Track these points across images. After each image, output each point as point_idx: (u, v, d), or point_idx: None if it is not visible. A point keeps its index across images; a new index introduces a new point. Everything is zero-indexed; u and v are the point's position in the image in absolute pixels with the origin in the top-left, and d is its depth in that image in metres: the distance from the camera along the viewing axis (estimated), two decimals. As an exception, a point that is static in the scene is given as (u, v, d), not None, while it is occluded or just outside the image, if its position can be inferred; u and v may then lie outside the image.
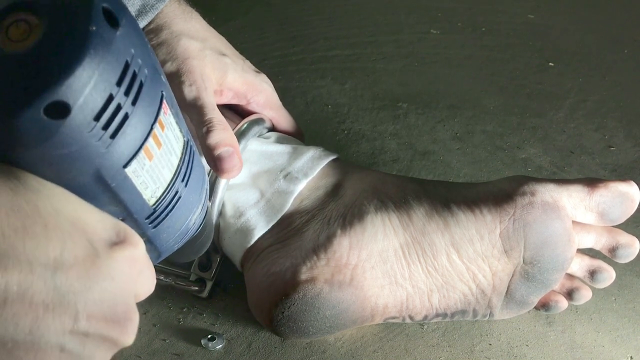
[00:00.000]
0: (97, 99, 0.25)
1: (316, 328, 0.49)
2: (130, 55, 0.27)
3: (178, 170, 0.33)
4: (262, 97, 0.57)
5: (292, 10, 1.00)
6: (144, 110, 0.28)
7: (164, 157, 0.31)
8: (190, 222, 0.37)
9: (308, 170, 0.53)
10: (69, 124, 0.25)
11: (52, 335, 0.27)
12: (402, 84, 0.83)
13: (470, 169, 0.69)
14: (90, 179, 0.28)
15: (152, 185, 0.31)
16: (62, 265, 0.27)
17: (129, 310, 0.30)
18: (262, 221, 0.51)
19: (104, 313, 0.28)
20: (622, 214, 0.48)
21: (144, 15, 0.54)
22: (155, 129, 0.29)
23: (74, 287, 0.27)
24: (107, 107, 0.26)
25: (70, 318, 0.27)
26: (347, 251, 0.48)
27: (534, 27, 0.95)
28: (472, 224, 0.48)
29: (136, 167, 0.29)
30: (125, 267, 0.29)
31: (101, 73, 0.25)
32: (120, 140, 0.27)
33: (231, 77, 0.55)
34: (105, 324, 0.29)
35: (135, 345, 0.51)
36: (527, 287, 0.49)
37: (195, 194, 0.36)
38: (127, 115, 0.27)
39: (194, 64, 0.52)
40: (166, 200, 0.32)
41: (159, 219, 0.33)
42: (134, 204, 0.30)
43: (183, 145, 0.33)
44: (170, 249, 0.37)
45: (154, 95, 0.29)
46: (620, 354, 0.51)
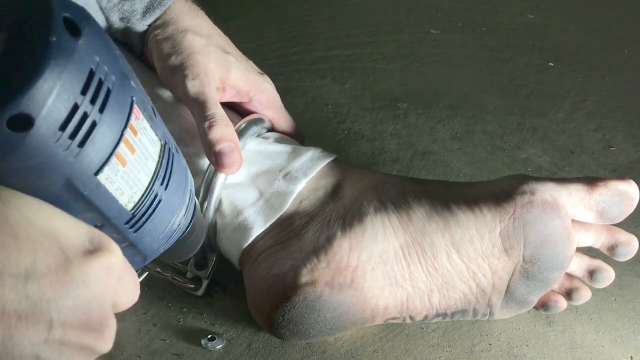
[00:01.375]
0: (61, 109, 0.25)
1: (317, 330, 0.49)
2: (95, 63, 0.26)
3: (156, 174, 0.32)
4: (264, 96, 0.57)
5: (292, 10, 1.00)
6: (113, 117, 0.28)
7: (139, 162, 0.31)
8: (174, 224, 0.36)
9: (307, 170, 0.53)
10: (34, 135, 0.25)
11: (26, 345, 0.27)
12: (402, 84, 0.83)
13: (470, 169, 0.69)
14: (62, 188, 0.28)
15: (128, 191, 0.31)
16: (33, 274, 0.27)
17: (105, 317, 0.30)
18: (260, 220, 0.51)
19: (79, 320, 0.28)
20: (622, 213, 0.48)
21: (152, 11, 0.54)
22: (127, 135, 0.29)
23: (46, 296, 0.27)
24: (73, 116, 0.26)
25: (45, 327, 0.27)
26: (347, 253, 0.48)
27: (534, 27, 0.95)
28: (472, 224, 0.48)
29: (109, 174, 0.29)
30: (99, 274, 0.29)
31: (64, 83, 0.25)
32: (89, 149, 0.27)
33: (234, 74, 0.55)
34: (81, 332, 0.28)
35: (135, 345, 0.51)
36: (526, 286, 0.49)
37: (177, 196, 0.36)
38: (95, 123, 0.27)
39: (198, 59, 0.52)
40: (145, 204, 0.32)
41: (140, 223, 0.33)
42: (111, 209, 0.30)
43: (160, 148, 0.33)
44: (155, 251, 0.37)
45: (123, 101, 0.28)
46: (620, 354, 0.51)
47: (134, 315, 0.54)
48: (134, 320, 0.53)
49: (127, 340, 0.52)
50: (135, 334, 0.52)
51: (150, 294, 0.55)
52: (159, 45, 0.54)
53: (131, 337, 0.52)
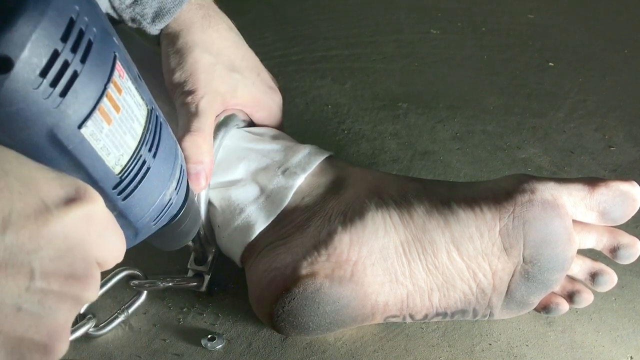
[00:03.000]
0: (41, 53, 0.25)
1: (316, 324, 0.49)
2: (75, 13, 0.26)
3: (143, 138, 0.32)
4: (263, 113, 0.58)
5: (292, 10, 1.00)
6: (95, 69, 0.28)
7: (125, 122, 0.31)
8: (165, 197, 0.36)
9: (305, 165, 0.53)
10: (14, 78, 0.25)
11: (5, 295, 0.26)
12: (402, 84, 0.83)
13: (470, 169, 0.69)
14: (45, 140, 0.27)
15: (114, 152, 0.30)
16: (12, 225, 0.26)
17: (88, 266, 0.30)
18: (262, 216, 0.52)
19: (62, 270, 0.28)
20: (624, 214, 0.48)
21: (161, 18, 0.54)
22: (110, 90, 0.29)
23: (26, 247, 0.27)
24: (53, 63, 0.26)
25: (25, 277, 0.27)
26: (347, 247, 0.48)
27: (534, 27, 0.95)
28: (472, 222, 0.48)
29: (93, 129, 0.28)
30: (80, 224, 0.29)
31: (43, 27, 0.25)
32: (71, 99, 0.27)
33: (240, 93, 0.55)
34: (65, 281, 0.28)
35: (135, 345, 0.51)
36: (527, 287, 0.49)
37: (167, 166, 0.35)
38: (77, 72, 0.27)
39: (201, 78, 0.53)
40: (133, 169, 0.32)
41: (128, 190, 0.33)
42: (97, 170, 0.30)
43: (147, 113, 0.33)
44: (147, 226, 0.36)
45: (105, 55, 0.28)
46: (620, 354, 0.51)
47: (134, 315, 0.54)
48: (134, 320, 0.53)
49: (127, 340, 0.52)
50: (135, 334, 0.52)
51: (150, 294, 0.55)
52: (167, 59, 0.54)
53: (131, 337, 0.52)
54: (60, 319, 0.29)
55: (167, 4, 0.54)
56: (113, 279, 0.53)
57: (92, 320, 0.51)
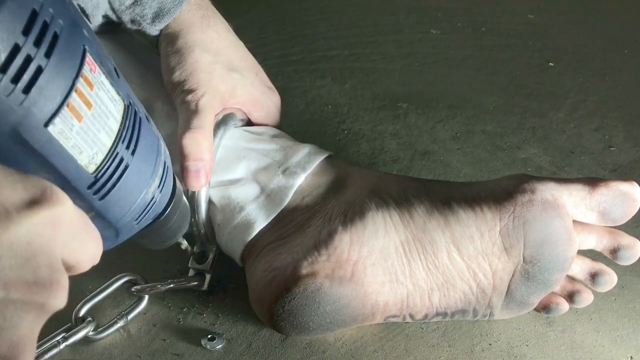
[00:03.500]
0: (0, 48, 0.24)
1: (316, 324, 0.49)
2: (38, 4, 0.25)
3: (119, 135, 0.31)
4: (262, 113, 0.58)
5: (292, 10, 1.00)
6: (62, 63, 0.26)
7: (98, 119, 0.29)
8: (147, 196, 0.35)
9: (305, 164, 0.53)
10: None
11: None
12: (402, 84, 0.83)
13: (470, 169, 0.69)
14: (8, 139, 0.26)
15: (87, 150, 0.29)
16: None
17: (54, 272, 0.28)
18: (262, 215, 0.52)
19: (24, 278, 0.27)
20: (624, 214, 0.48)
21: (160, 19, 0.54)
22: (80, 85, 0.27)
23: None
24: (14, 58, 0.24)
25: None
26: (347, 247, 0.48)
27: (534, 27, 0.95)
28: (473, 222, 0.48)
29: (62, 127, 0.27)
30: (44, 227, 0.27)
31: (1, 20, 0.24)
32: (35, 96, 0.26)
33: (239, 92, 0.55)
34: (28, 290, 0.27)
35: (135, 345, 0.51)
36: (527, 287, 0.49)
37: (148, 164, 0.34)
38: (41, 68, 0.25)
39: (201, 77, 0.53)
40: (110, 168, 0.31)
41: (105, 190, 0.31)
42: (69, 170, 0.29)
43: (123, 109, 0.31)
44: (129, 226, 0.35)
45: (73, 48, 0.27)
46: (620, 354, 0.51)
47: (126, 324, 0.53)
48: (133, 321, 0.53)
49: (127, 340, 0.52)
50: (135, 334, 0.52)
51: (151, 296, 0.55)
52: (166, 59, 0.54)
53: (131, 337, 0.52)
54: (23, 330, 0.27)
55: (167, 4, 0.54)
56: (112, 285, 0.52)
57: (91, 324, 0.51)
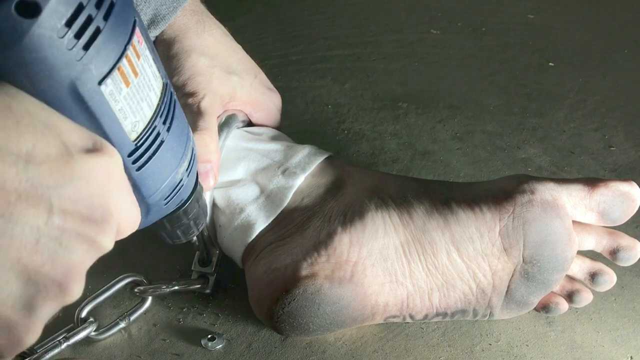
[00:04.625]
0: (68, 3, 0.26)
1: (316, 325, 0.49)
2: None
3: (158, 109, 0.33)
4: (262, 114, 0.58)
5: (292, 10, 1.00)
6: (117, 28, 0.29)
7: (142, 88, 0.31)
8: (177, 176, 0.37)
9: (305, 165, 0.53)
10: (40, 24, 0.25)
11: (25, 225, 0.27)
12: (402, 84, 0.83)
13: (470, 169, 0.69)
14: (66, 92, 0.28)
15: (131, 117, 0.31)
16: (34, 158, 0.27)
17: (106, 212, 0.30)
18: (262, 216, 0.52)
19: (79, 211, 0.28)
20: (623, 214, 0.48)
21: (156, 25, 0.54)
22: (129, 53, 0.30)
23: (46, 182, 0.27)
24: (78, 15, 0.26)
25: (44, 211, 0.27)
26: (347, 248, 0.48)
27: (534, 27, 0.95)
28: (472, 222, 0.48)
29: (112, 88, 0.29)
30: (100, 173, 0.29)
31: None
32: (93, 53, 0.28)
33: (239, 94, 0.55)
34: (82, 222, 0.28)
35: (135, 345, 0.51)
36: (527, 287, 0.49)
37: (180, 143, 0.36)
38: (99, 29, 0.28)
39: (200, 80, 0.53)
40: (148, 139, 0.33)
41: (143, 160, 0.33)
42: (114, 132, 0.31)
43: (162, 86, 0.33)
44: (159, 205, 0.37)
45: (126, 17, 0.29)
46: (620, 354, 0.51)
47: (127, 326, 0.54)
48: (134, 321, 0.53)
49: (127, 340, 0.52)
50: (135, 334, 0.52)
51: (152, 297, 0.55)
52: (164, 64, 0.54)
53: (131, 337, 0.52)
54: (75, 259, 0.29)
55: (162, 10, 0.54)
56: (115, 286, 0.52)
57: (93, 324, 0.51)
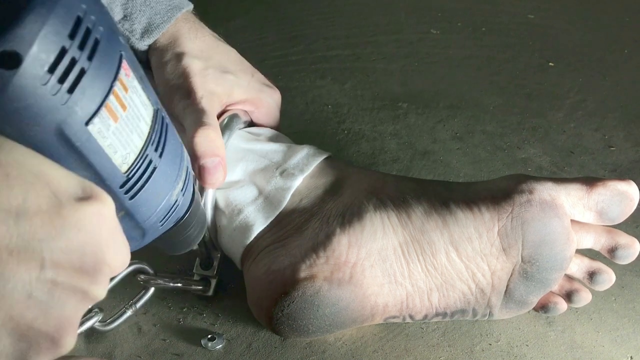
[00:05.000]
0: (49, 50, 0.26)
1: (316, 326, 0.49)
2: (82, 11, 0.27)
3: (149, 138, 0.33)
4: (262, 110, 0.58)
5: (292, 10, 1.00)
6: (102, 66, 0.28)
7: (131, 121, 0.31)
8: (171, 198, 0.36)
9: (304, 166, 0.53)
10: (23, 74, 0.25)
11: (17, 281, 0.27)
12: (402, 84, 0.83)
13: (470, 169, 0.69)
14: (53, 136, 0.28)
15: (121, 150, 0.31)
16: (25, 212, 0.27)
17: (99, 262, 0.30)
18: (261, 217, 0.52)
19: (72, 262, 0.28)
20: (621, 213, 0.48)
21: (149, 34, 0.55)
22: (117, 88, 0.29)
23: (38, 235, 0.27)
24: (61, 59, 0.26)
25: (36, 265, 0.27)
26: (346, 249, 0.48)
27: (534, 27, 0.95)
28: (471, 222, 0.48)
29: (100, 126, 0.29)
30: (92, 220, 0.29)
31: (51, 24, 0.26)
32: (78, 95, 0.27)
33: (236, 93, 0.55)
34: (74, 273, 0.28)
35: (135, 345, 0.52)
36: (526, 287, 0.49)
37: (173, 167, 0.36)
38: (84, 70, 0.27)
39: (195, 81, 0.53)
40: (140, 168, 0.33)
41: (135, 189, 0.33)
42: (104, 168, 0.30)
43: (153, 113, 0.33)
44: (154, 227, 0.37)
45: (111, 53, 0.29)
46: (620, 354, 0.51)
47: (134, 316, 0.54)
48: (134, 320, 0.53)
49: (127, 340, 0.52)
50: (135, 334, 0.52)
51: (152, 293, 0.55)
52: (159, 71, 0.55)
53: (131, 337, 0.52)
54: (68, 312, 0.29)
55: (156, 20, 0.54)
56: (120, 273, 0.52)
57: (98, 314, 0.51)
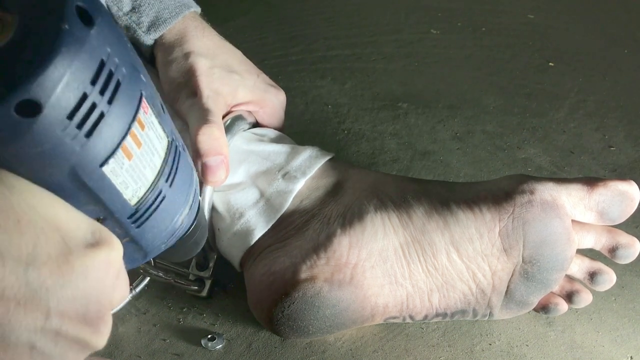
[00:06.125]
0: (70, 97, 0.25)
1: (316, 327, 0.49)
2: (106, 54, 0.27)
3: (161, 170, 0.32)
4: (267, 110, 0.58)
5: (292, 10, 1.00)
6: (121, 109, 0.28)
7: (145, 156, 0.31)
8: (177, 222, 0.36)
9: (306, 169, 0.53)
10: (41, 122, 0.25)
11: (23, 331, 0.26)
12: (402, 84, 0.83)
13: (470, 169, 0.69)
14: (66, 177, 0.28)
15: (133, 185, 0.31)
16: (34, 261, 0.26)
17: (102, 311, 0.30)
18: (262, 221, 0.51)
19: (77, 312, 0.28)
20: (622, 214, 0.48)
21: (156, 28, 0.55)
22: (134, 128, 0.29)
23: (46, 284, 0.27)
24: (81, 106, 0.26)
25: (42, 315, 0.27)
26: (347, 250, 0.48)
27: (534, 27, 0.95)
28: (472, 223, 0.48)
29: (114, 166, 0.29)
30: (100, 268, 0.29)
31: (74, 72, 0.25)
32: (95, 139, 0.27)
33: (241, 93, 0.55)
34: (78, 324, 0.28)
35: (135, 345, 0.51)
36: (526, 287, 0.49)
37: (182, 194, 0.36)
38: (103, 114, 0.27)
39: (201, 80, 0.53)
40: (149, 200, 0.32)
41: (142, 219, 0.33)
42: (114, 203, 0.30)
43: (167, 145, 0.33)
44: (157, 249, 0.37)
45: (132, 94, 0.29)
46: (620, 354, 0.51)
47: (134, 316, 0.54)
48: (134, 320, 0.53)
49: (127, 340, 0.52)
50: (135, 334, 0.52)
51: (150, 294, 0.55)
52: (165, 68, 0.55)
53: (131, 337, 0.52)
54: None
55: (164, 14, 0.54)
56: None
57: None
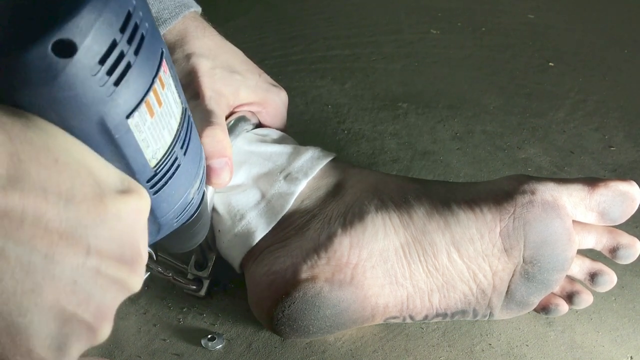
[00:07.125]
0: (102, 41, 0.26)
1: (316, 327, 0.49)
2: (132, 6, 0.28)
3: (177, 135, 0.33)
4: (270, 110, 0.58)
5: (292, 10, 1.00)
6: (146, 62, 0.29)
7: (164, 117, 0.32)
8: (189, 196, 0.37)
9: (308, 170, 0.53)
10: (75, 63, 0.26)
11: (66, 265, 0.27)
12: (402, 84, 0.83)
13: (470, 169, 0.69)
14: (95, 127, 0.28)
15: (153, 145, 0.31)
16: (73, 198, 0.27)
17: (137, 252, 0.30)
18: (263, 223, 0.51)
19: (113, 251, 0.29)
20: (623, 214, 0.48)
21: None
22: (156, 85, 0.30)
23: (84, 221, 0.27)
24: (111, 52, 0.27)
25: (82, 251, 0.27)
26: (347, 250, 0.48)
27: (534, 27, 0.95)
28: (473, 223, 0.48)
29: (138, 120, 0.30)
30: (131, 213, 0.30)
31: (106, 16, 0.26)
32: (123, 89, 0.28)
33: (243, 93, 0.55)
34: (115, 263, 0.29)
35: (135, 345, 0.51)
36: (527, 287, 0.49)
37: (194, 165, 0.37)
38: (130, 64, 0.28)
39: (203, 81, 0.52)
40: (167, 164, 0.33)
41: (160, 184, 0.34)
42: (136, 162, 0.31)
43: (182, 111, 0.34)
44: (170, 224, 0.37)
45: (154, 49, 0.30)
46: (620, 354, 0.51)
47: (134, 315, 0.54)
48: (134, 320, 0.53)
49: (127, 340, 0.52)
50: (135, 334, 0.52)
51: (150, 294, 0.55)
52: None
53: (131, 337, 0.52)
54: (107, 301, 0.29)
55: (164, 15, 0.54)
56: None
57: None
